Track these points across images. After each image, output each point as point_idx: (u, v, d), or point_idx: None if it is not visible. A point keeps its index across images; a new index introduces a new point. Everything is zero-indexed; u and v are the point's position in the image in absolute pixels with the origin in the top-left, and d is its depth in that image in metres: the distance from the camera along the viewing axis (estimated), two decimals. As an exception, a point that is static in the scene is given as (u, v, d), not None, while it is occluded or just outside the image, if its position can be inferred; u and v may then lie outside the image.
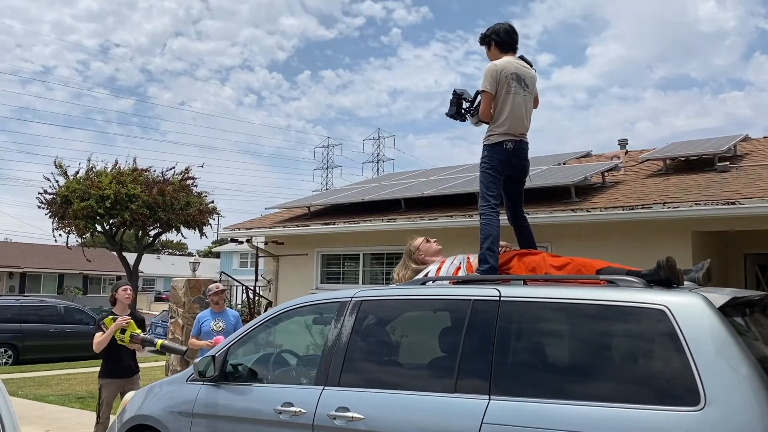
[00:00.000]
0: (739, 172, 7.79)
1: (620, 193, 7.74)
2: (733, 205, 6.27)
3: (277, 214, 11.87)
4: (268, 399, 3.78)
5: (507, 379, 3.06)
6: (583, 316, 3.01)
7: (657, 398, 2.67)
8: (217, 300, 6.73)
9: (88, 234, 25.98)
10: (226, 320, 6.66)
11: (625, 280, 3.18)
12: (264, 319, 4.26)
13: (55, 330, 16.26)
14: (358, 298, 3.81)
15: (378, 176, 19.04)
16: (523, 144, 4.56)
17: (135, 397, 4.75)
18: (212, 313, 6.71)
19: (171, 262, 57.05)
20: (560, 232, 7.60)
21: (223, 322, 6.62)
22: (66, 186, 24.11)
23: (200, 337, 6.61)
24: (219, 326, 6.55)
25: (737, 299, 2.99)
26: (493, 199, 4.42)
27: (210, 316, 6.69)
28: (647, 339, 2.84)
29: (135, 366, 6.15)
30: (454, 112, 4.75)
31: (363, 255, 10.07)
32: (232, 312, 6.94)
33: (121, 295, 6.12)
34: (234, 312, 7.03)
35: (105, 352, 5.99)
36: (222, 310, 6.76)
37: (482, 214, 4.37)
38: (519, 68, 4.57)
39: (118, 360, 5.99)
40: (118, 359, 5.99)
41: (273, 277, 10.98)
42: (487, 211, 4.35)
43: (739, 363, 2.61)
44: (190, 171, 26.84)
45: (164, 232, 27.12)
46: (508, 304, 3.24)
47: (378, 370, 3.58)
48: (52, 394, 10.20)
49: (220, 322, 6.61)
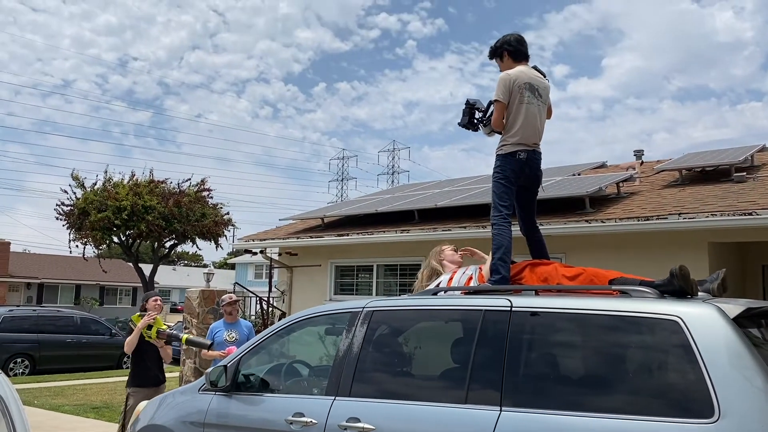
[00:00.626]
0: (756, 182, 7.71)
1: (635, 204, 7.68)
2: (750, 216, 6.20)
3: (291, 225, 11.91)
4: (279, 409, 3.78)
5: (518, 390, 3.04)
6: (596, 327, 2.99)
7: (670, 410, 2.64)
8: (230, 311, 6.75)
9: (104, 245, 26.25)
10: (239, 331, 6.69)
11: (638, 290, 3.15)
12: (276, 329, 4.27)
13: (71, 340, 16.38)
14: (369, 309, 3.80)
15: (392, 188, 19.05)
16: (536, 154, 4.54)
17: (148, 407, 4.76)
18: (225, 323, 6.75)
19: (186, 274, 57.35)
20: (574, 244, 7.55)
21: (236, 332, 6.65)
22: (83, 197, 24.39)
23: (213, 347, 6.64)
24: (232, 336, 6.58)
25: (752, 310, 2.95)
26: (505, 209, 4.40)
27: (223, 326, 6.73)
28: (660, 350, 2.81)
29: (162, 376, 6.30)
30: (466, 122, 4.75)
31: (377, 266, 10.06)
32: (245, 323, 6.96)
33: (151, 304, 6.29)
34: (247, 323, 7.05)
35: (133, 360, 6.17)
36: (235, 321, 6.78)
37: (494, 224, 4.36)
38: (533, 78, 4.55)
39: (145, 369, 6.15)
40: (145, 368, 6.15)
41: (287, 288, 11.00)
42: (499, 221, 4.34)
43: (753, 374, 2.57)
44: (206, 183, 27.06)
45: (180, 243, 27.33)
46: (520, 315, 3.22)
47: (389, 381, 3.57)
48: (68, 404, 10.26)
49: (233, 332, 6.64)
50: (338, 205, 14.28)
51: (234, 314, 6.79)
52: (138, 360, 6.17)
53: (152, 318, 6.01)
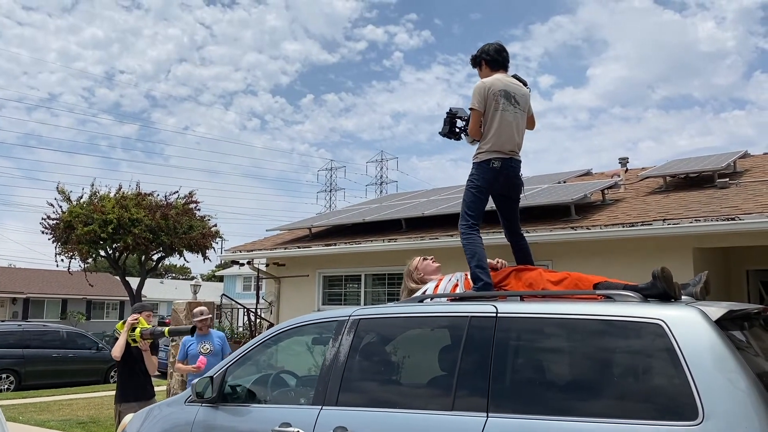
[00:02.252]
0: (739, 188, 7.80)
1: (620, 211, 7.74)
2: (732, 221, 6.26)
3: (278, 236, 11.88)
4: (265, 419, 3.75)
5: (504, 396, 3.04)
6: (580, 331, 3.00)
7: (654, 413, 2.65)
8: (201, 326, 6.85)
9: (91, 259, 26.04)
10: (212, 342, 6.83)
11: (621, 294, 3.17)
12: (262, 339, 4.25)
13: (57, 355, 16.20)
14: (356, 317, 3.80)
15: (379, 197, 19.07)
16: (513, 162, 4.51)
17: (134, 420, 4.72)
18: (197, 336, 6.82)
19: (174, 287, 56.91)
20: (560, 250, 7.59)
21: (210, 343, 6.78)
22: (69, 211, 24.22)
23: (187, 360, 6.68)
24: (207, 348, 6.69)
25: (734, 312, 2.98)
26: (472, 218, 4.40)
27: (195, 339, 6.83)
28: (644, 354, 2.82)
29: (151, 389, 6.19)
30: (447, 131, 4.75)
31: (364, 275, 10.06)
32: (216, 333, 7.11)
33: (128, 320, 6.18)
34: (219, 333, 7.20)
35: (121, 374, 6.10)
36: (206, 333, 6.91)
37: (462, 233, 4.36)
38: (508, 85, 4.56)
39: (135, 384, 6.05)
40: (135, 383, 6.05)
41: (275, 299, 10.96)
42: (466, 230, 4.35)
43: (736, 376, 2.59)
44: (194, 195, 26.97)
45: (167, 256, 27.17)
46: (505, 321, 3.22)
47: (376, 389, 3.56)
48: (54, 419, 10.14)
49: (207, 344, 6.78)
50: (326, 215, 14.27)
51: (205, 329, 6.90)
52: (126, 374, 6.08)
53: (135, 319, 5.95)
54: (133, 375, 6.06)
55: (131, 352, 6.03)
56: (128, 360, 6.04)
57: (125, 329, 5.95)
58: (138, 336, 5.90)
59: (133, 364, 6.07)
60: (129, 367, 6.07)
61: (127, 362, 6.04)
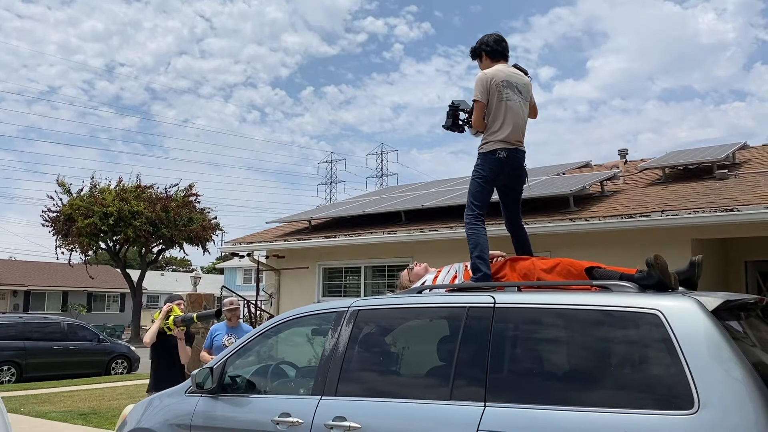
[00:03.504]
0: (738, 179, 7.80)
1: (619, 202, 7.75)
2: (731, 212, 6.28)
3: (278, 228, 11.89)
4: (265, 410, 3.78)
5: (502, 385, 3.07)
6: (577, 321, 3.02)
7: (651, 402, 2.67)
8: (230, 316, 6.81)
9: (91, 251, 26.09)
10: (238, 335, 6.70)
11: (618, 284, 3.19)
12: (262, 330, 4.27)
13: (58, 347, 16.25)
14: (355, 308, 3.82)
15: (379, 189, 19.08)
16: (518, 152, 4.54)
17: (135, 410, 4.75)
18: (227, 327, 6.79)
19: (175, 279, 57.05)
20: (559, 242, 7.60)
21: (236, 337, 6.66)
22: (69, 204, 24.24)
23: (212, 350, 6.66)
24: (231, 341, 6.60)
25: (730, 302, 3.00)
26: (478, 209, 4.42)
27: (224, 330, 6.77)
28: (641, 343, 2.84)
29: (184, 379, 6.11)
30: (450, 123, 4.76)
31: (364, 268, 10.08)
32: (246, 327, 7.02)
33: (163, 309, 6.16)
34: (249, 327, 7.12)
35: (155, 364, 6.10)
36: (236, 326, 6.83)
37: (467, 223, 4.38)
38: (510, 75, 4.56)
39: (169, 374, 5.97)
40: (169, 373, 5.97)
41: (275, 291, 10.99)
42: (472, 220, 4.37)
43: (732, 366, 2.61)
44: (194, 187, 26.98)
45: (167, 248, 27.22)
46: (503, 311, 3.25)
47: (375, 379, 3.58)
48: (55, 411, 10.19)
49: (233, 337, 6.67)
50: (325, 207, 14.29)
51: (234, 320, 6.85)
52: (162, 363, 6.08)
53: (169, 308, 5.99)
54: (169, 364, 6.05)
55: (167, 342, 6.04)
56: (164, 349, 6.05)
57: (160, 317, 5.98)
58: (172, 324, 5.93)
59: (169, 354, 6.06)
60: (164, 357, 6.07)
61: (163, 352, 6.06)
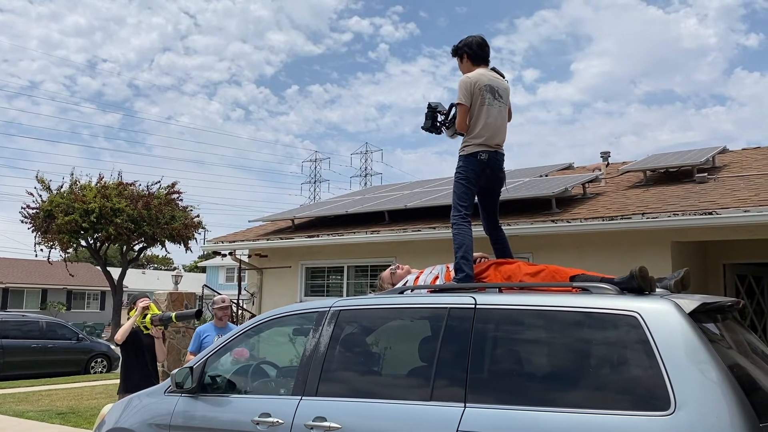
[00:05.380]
0: (717, 183, 7.90)
1: (600, 204, 7.81)
2: (710, 215, 6.34)
3: (261, 227, 11.84)
4: (245, 410, 3.77)
5: (482, 386, 3.08)
6: (557, 322, 3.04)
7: (628, 403, 2.70)
8: (221, 315, 6.48)
9: (71, 249, 25.80)
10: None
11: (598, 287, 3.22)
12: (242, 329, 4.25)
13: (36, 346, 16.05)
14: (336, 308, 3.81)
15: (362, 189, 19.09)
16: (498, 155, 4.60)
17: (113, 410, 4.71)
18: (215, 328, 6.43)
19: (156, 277, 56.58)
20: (541, 243, 7.65)
21: None
22: (49, 200, 23.96)
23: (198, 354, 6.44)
24: None
25: (707, 305, 3.03)
26: (464, 209, 4.45)
27: (212, 331, 6.40)
28: (619, 345, 2.87)
29: (158, 380, 5.85)
30: (429, 125, 4.80)
31: (347, 267, 10.06)
32: (234, 327, 6.46)
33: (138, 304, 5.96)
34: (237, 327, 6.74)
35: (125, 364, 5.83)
36: (224, 326, 6.48)
37: (454, 224, 4.42)
38: (492, 80, 4.63)
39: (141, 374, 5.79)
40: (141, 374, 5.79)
41: (257, 290, 10.94)
42: (459, 221, 4.40)
43: (708, 367, 2.64)
44: (176, 185, 26.78)
45: (149, 246, 26.99)
46: (484, 312, 3.26)
47: (356, 379, 3.58)
48: (32, 410, 10.06)
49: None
50: (309, 206, 14.25)
51: (224, 319, 6.51)
52: (132, 363, 5.81)
53: (145, 305, 5.78)
54: (140, 365, 5.82)
55: (140, 341, 5.83)
56: (136, 349, 5.83)
57: (135, 315, 5.77)
58: (148, 322, 5.75)
59: (142, 354, 5.85)
60: (136, 357, 5.84)
61: (135, 351, 5.83)
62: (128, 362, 5.90)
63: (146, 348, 5.89)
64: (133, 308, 5.95)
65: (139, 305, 5.83)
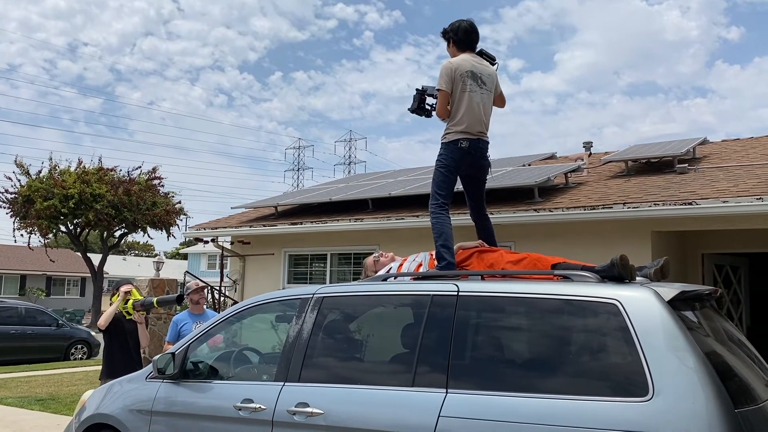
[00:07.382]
0: (697, 173, 7.99)
1: (582, 194, 7.87)
2: (690, 206, 6.42)
3: (243, 213, 11.79)
4: (227, 396, 3.77)
5: (464, 372, 3.11)
6: (538, 310, 3.07)
7: (607, 389, 2.74)
8: (197, 299, 6.24)
9: (51, 234, 25.52)
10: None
11: (579, 275, 3.25)
12: (225, 315, 4.24)
13: (15, 332, 15.90)
14: (319, 295, 3.82)
15: (346, 177, 19.06)
16: (480, 143, 4.57)
17: (94, 396, 4.68)
18: (191, 315, 6.19)
19: (137, 264, 56.19)
20: (523, 232, 7.70)
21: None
22: (28, 185, 23.65)
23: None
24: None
25: (686, 293, 3.08)
26: (442, 198, 4.45)
27: (189, 318, 6.16)
28: (599, 332, 2.90)
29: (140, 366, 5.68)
30: (415, 107, 4.77)
31: (330, 255, 10.06)
32: (212, 314, 6.39)
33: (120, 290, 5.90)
34: (214, 313, 6.47)
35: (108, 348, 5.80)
36: (202, 312, 6.25)
37: (432, 212, 4.42)
38: (475, 66, 4.59)
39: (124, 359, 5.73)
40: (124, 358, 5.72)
41: (239, 278, 10.91)
42: (436, 210, 4.40)
43: (686, 354, 2.69)
44: (157, 171, 26.54)
45: (130, 232, 26.78)
46: (466, 299, 3.28)
47: (338, 366, 3.60)
48: (11, 396, 9.98)
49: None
50: (292, 193, 14.20)
51: (201, 303, 6.28)
52: (115, 348, 5.76)
53: (127, 290, 5.75)
54: (123, 350, 5.77)
55: (123, 326, 5.79)
56: (119, 334, 5.78)
57: (117, 301, 5.74)
58: (130, 307, 5.71)
59: (124, 339, 5.80)
60: (118, 342, 5.78)
61: (117, 336, 5.78)
62: (111, 347, 5.87)
63: (129, 333, 5.85)
64: (115, 294, 5.90)
65: (121, 290, 5.81)
